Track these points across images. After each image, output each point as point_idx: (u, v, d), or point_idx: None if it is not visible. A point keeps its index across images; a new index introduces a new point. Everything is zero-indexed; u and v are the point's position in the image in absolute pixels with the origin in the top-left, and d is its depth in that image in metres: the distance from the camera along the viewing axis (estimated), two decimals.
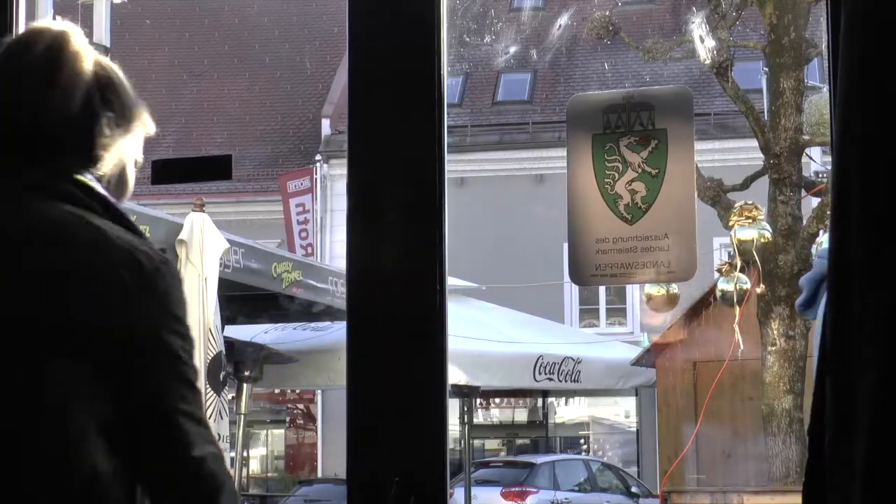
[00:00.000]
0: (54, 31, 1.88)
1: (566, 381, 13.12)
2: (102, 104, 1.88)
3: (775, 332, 9.56)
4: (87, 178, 1.84)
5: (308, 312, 9.40)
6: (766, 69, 10.44)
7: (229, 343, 7.61)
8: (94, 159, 1.87)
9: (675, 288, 9.10)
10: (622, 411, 20.55)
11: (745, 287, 8.72)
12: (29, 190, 1.79)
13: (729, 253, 9.69)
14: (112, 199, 1.85)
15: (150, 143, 2.09)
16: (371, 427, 2.33)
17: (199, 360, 5.45)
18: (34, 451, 1.70)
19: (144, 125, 1.98)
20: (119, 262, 1.75)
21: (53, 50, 1.85)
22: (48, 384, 1.70)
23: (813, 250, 9.06)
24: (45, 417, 1.70)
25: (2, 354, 1.71)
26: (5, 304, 1.72)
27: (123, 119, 1.92)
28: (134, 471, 1.75)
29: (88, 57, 1.89)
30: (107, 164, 1.89)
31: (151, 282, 1.77)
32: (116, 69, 1.95)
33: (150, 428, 1.76)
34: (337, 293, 9.23)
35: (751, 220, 8.53)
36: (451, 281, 3.55)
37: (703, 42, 9.88)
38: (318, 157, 21.07)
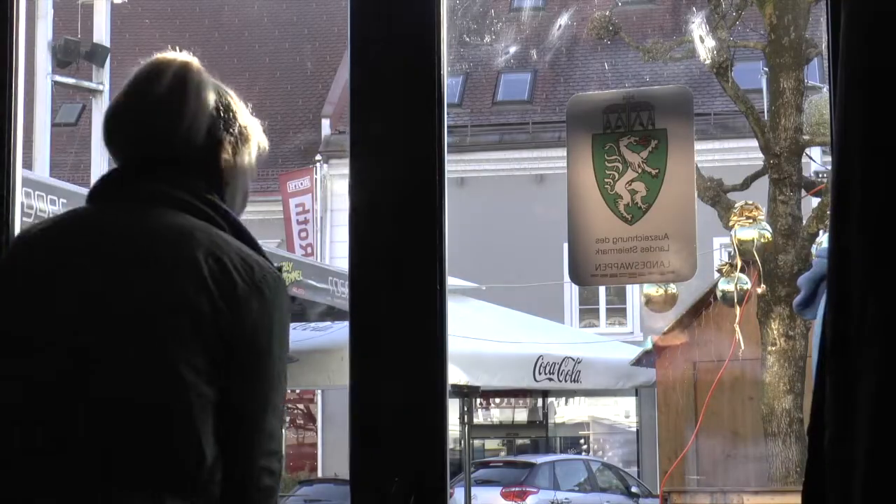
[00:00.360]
0: (177, 64, 2.06)
1: (566, 381, 13.12)
2: (224, 129, 2.09)
3: (775, 332, 9.56)
4: (213, 196, 2.03)
5: (308, 312, 9.40)
6: (766, 69, 10.44)
7: None
8: (218, 178, 2.08)
9: (673, 288, 9.10)
10: (622, 411, 20.54)
11: (745, 287, 8.73)
12: (162, 205, 1.99)
13: (729, 253, 9.70)
14: (233, 214, 2.05)
15: None
16: (372, 427, 2.33)
17: None
18: (160, 429, 1.85)
19: (259, 141, 2.18)
20: (237, 266, 1.94)
21: (178, 82, 2.03)
22: (168, 361, 1.86)
23: (813, 250, 9.05)
24: (162, 391, 1.85)
25: (135, 338, 1.88)
26: (145, 294, 1.90)
27: (242, 140, 2.12)
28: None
29: (209, 85, 2.08)
30: (229, 181, 2.10)
31: (259, 288, 1.95)
32: (232, 94, 2.14)
33: (241, 421, 1.91)
34: (337, 293, 9.24)
35: (751, 220, 8.54)
36: (451, 281, 3.55)
37: (703, 42, 9.88)
38: (318, 157, 21.06)
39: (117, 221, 1.98)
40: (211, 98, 2.07)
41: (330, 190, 20.94)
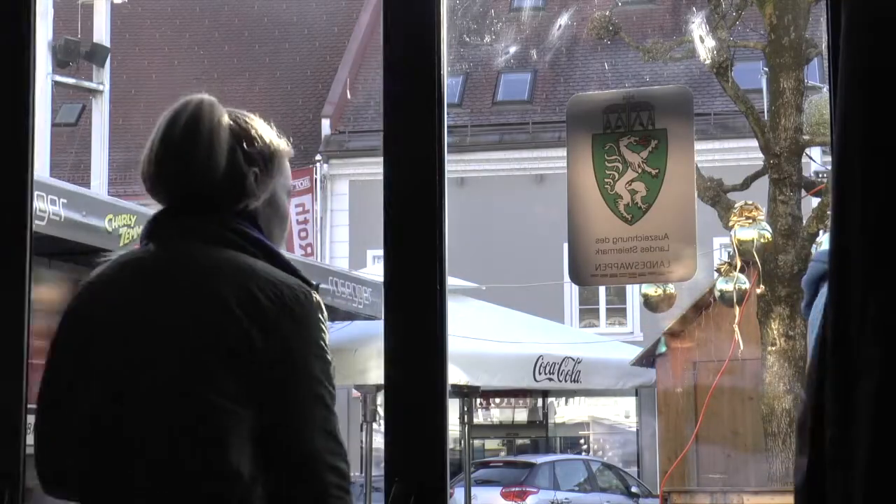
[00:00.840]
0: (192, 105, 2.14)
1: (566, 381, 13.11)
2: (246, 162, 2.16)
3: (775, 332, 9.55)
4: (242, 225, 2.14)
5: None
6: (766, 69, 10.44)
7: None
8: (247, 207, 2.17)
9: (672, 288, 9.11)
10: (622, 411, 20.55)
11: (744, 287, 8.73)
12: (196, 240, 2.12)
13: (729, 253, 9.70)
14: (264, 239, 2.16)
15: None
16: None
17: None
18: (193, 448, 2.00)
19: (285, 156, 2.26)
20: (264, 289, 2.03)
21: (193, 124, 2.12)
22: (207, 393, 1.99)
23: (813, 250, 9.06)
24: (204, 421, 1.99)
25: (171, 360, 2.03)
26: (179, 322, 2.05)
27: (266, 165, 2.19)
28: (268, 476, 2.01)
29: (224, 123, 2.15)
30: (259, 207, 2.18)
31: (289, 308, 2.04)
32: (251, 120, 2.21)
33: (286, 440, 2.01)
34: (337, 293, 9.23)
35: (751, 221, 8.54)
36: (451, 281, 3.55)
37: (703, 42, 9.88)
38: (318, 157, 21.06)
39: (156, 262, 2.13)
40: (226, 137, 2.14)
41: (330, 190, 20.95)
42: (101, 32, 13.01)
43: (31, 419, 2.24)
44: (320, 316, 2.08)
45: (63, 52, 12.15)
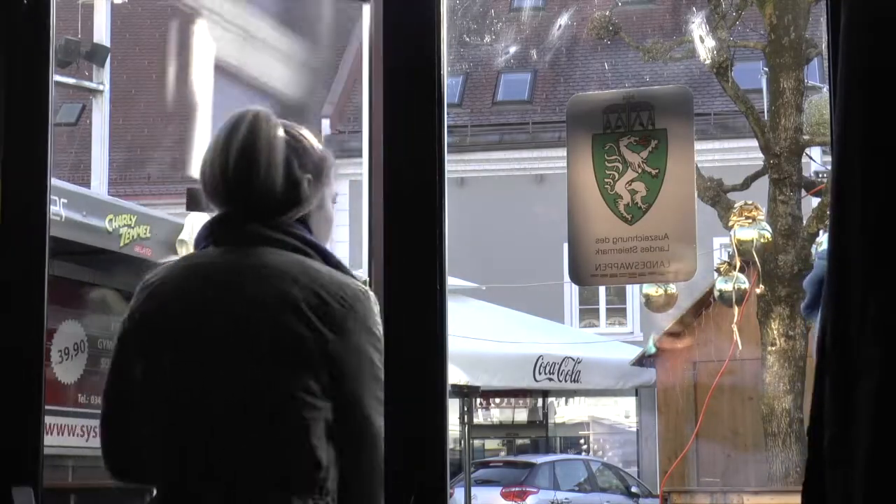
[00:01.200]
0: (250, 116, 2.32)
1: (566, 381, 13.13)
2: (300, 169, 2.36)
3: (775, 332, 9.55)
4: (301, 231, 2.34)
5: None
6: (766, 69, 10.44)
7: None
8: (302, 212, 2.37)
9: (673, 288, 9.11)
10: (622, 411, 20.56)
11: (744, 287, 8.73)
12: (261, 245, 2.31)
13: (729, 253, 9.70)
14: (321, 244, 2.37)
15: (150, 143, 2.14)
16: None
17: None
18: (281, 442, 2.20)
19: (331, 165, 2.46)
20: (331, 292, 2.26)
21: (252, 135, 2.30)
22: (283, 387, 2.20)
23: (813, 250, 9.05)
24: (290, 416, 2.20)
25: (252, 359, 2.22)
26: (255, 323, 2.23)
27: (317, 173, 2.39)
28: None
29: (280, 134, 2.33)
30: (312, 212, 2.39)
31: (352, 307, 2.27)
32: (302, 131, 2.42)
33: (351, 414, 2.25)
34: None
35: (751, 220, 8.54)
36: (451, 281, 3.55)
37: (703, 42, 9.87)
38: None
39: (226, 265, 2.31)
40: (282, 147, 2.33)
41: None
42: (101, 32, 13.00)
43: (48, 419, 2.28)
44: (376, 310, 2.31)
45: (63, 52, 12.14)
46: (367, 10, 3.27)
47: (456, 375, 10.60)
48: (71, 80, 13.00)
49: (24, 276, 2.55)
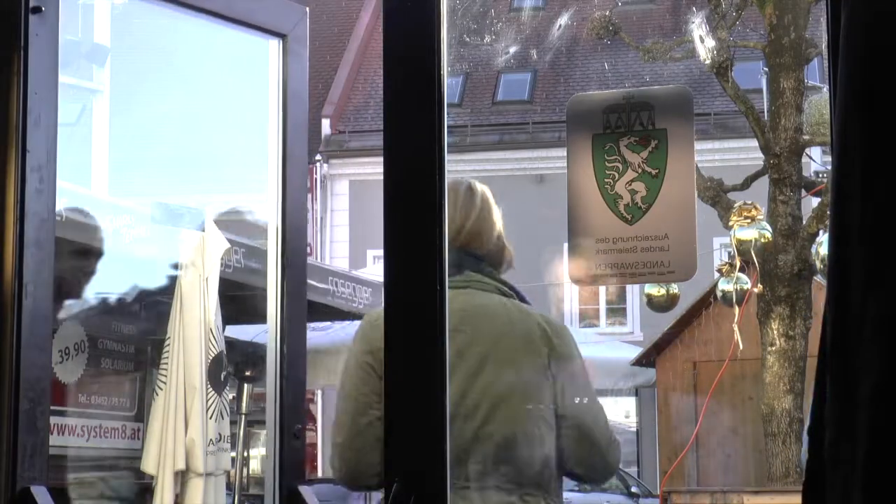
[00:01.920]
0: (480, 188, 2.97)
1: None
2: (502, 228, 2.92)
3: (775, 332, 9.55)
4: (503, 277, 2.89)
5: (308, 312, 9.38)
6: (766, 69, 10.44)
7: (230, 343, 7.60)
8: (504, 264, 2.94)
9: (675, 288, 9.11)
10: (622, 411, 20.55)
11: (745, 287, 8.73)
12: (482, 289, 2.83)
13: (729, 253, 9.69)
14: (517, 289, 2.89)
15: (149, 143, 2.13)
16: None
17: (201, 359, 5.45)
18: (534, 445, 2.74)
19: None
20: (540, 328, 2.80)
21: (485, 203, 2.94)
22: (539, 403, 2.76)
23: (813, 250, 9.05)
24: (539, 426, 2.75)
25: (511, 383, 2.76)
26: (513, 354, 2.79)
27: (503, 233, 2.97)
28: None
29: (494, 203, 2.96)
30: (505, 263, 2.95)
31: (560, 335, 2.82)
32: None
33: (578, 427, 2.80)
34: (337, 293, 9.23)
35: (750, 220, 8.53)
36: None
37: (703, 42, 9.87)
38: (318, 157, 21.06)
39: (472, 303, 2.78)
40: (497, 212, 2.93)
41: (330, 190, 20.95)
42: (101, 32, 12.98)
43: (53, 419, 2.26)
44: (570, 335, 2.87)
45: (63, 52, 12.15)
46: (273, 46, 3.36)
47: None
48: (71, 80, 13.00)
49: (35, 276, 2.56)
